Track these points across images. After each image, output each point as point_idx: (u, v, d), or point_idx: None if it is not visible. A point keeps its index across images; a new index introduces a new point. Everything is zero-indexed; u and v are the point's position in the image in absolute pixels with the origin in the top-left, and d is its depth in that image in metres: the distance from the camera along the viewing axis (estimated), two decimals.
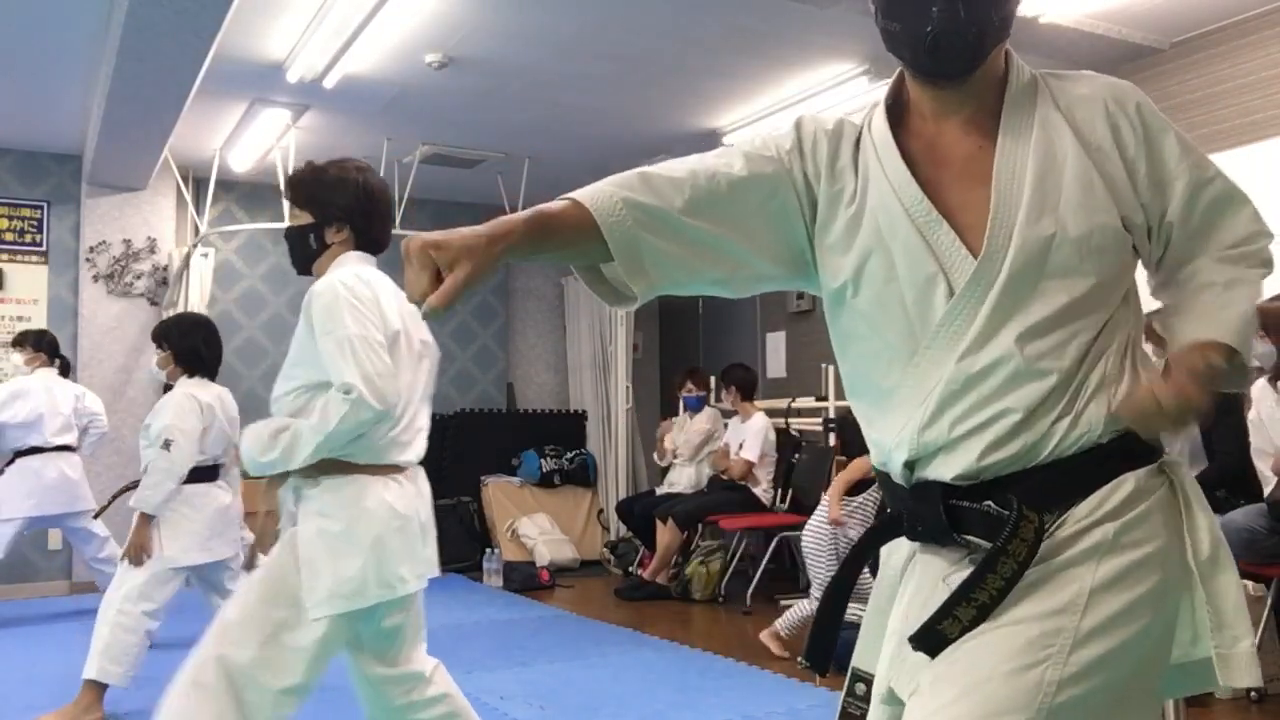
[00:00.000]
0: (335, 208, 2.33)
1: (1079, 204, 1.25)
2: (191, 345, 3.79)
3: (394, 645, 2.32)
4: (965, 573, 1.23)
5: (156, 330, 3.95)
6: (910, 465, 1.31)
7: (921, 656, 1.21)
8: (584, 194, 1.29)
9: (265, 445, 2.16)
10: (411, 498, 2.28)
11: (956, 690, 1.15)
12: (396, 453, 2.26)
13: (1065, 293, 1.24)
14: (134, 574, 3.55)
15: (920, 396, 1.28)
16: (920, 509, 1.30)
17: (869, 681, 1.37)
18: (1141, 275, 1.36)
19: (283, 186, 2.44)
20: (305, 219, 2.36)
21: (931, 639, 1.19)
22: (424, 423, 2.36)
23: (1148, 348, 1.43)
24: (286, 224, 2.43)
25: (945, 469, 1.27)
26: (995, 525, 1.21)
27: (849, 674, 1.39)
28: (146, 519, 3.56)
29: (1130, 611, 1.17)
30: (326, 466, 2.18)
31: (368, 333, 2.15)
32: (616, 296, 1.33)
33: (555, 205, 1.30)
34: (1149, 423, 1.22)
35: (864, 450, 1.56)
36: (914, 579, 1.34)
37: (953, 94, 1.33)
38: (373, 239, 2.41)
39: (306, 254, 2.37)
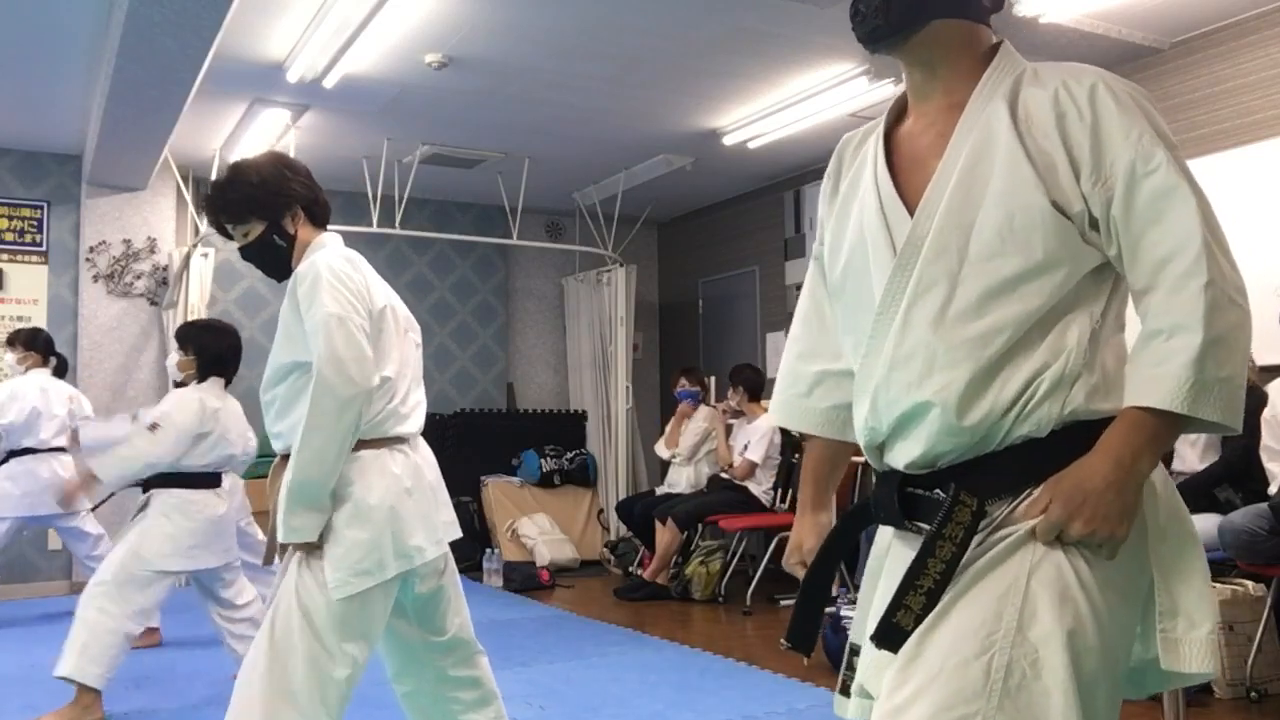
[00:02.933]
0: (280, 197, 2.29)
1: (1002, 188, 1.23)
2: (217, 353, 3.76)
3: (436, 611, 2.35)
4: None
5: (181, 332, 3.88)
6: (877, 451, 1.35)
7: (886, 654, 1.23)
8: (811, 428, 1.53)
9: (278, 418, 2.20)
10: (417, 466, 2.28)
11: (913, 688, 1.17)
12: (395, 424, 2.25)
13: (985, 278, 1.23)
14: (109, 570, 3.50)
15: (868, 384, 1.32)
16: (881, 494, 1.34)
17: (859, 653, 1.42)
18: None
19: (212, 219, 2.35)
20: (257, 228, 2.30)
21: (890, 634, 1.21)
22: (420, 397, 2.37)
23: None
24: (241, 245, 2.34)
25: (900, 457, 1.30)
26: (937, 512, 1.24)
27: (847, 648, 1.43)
28: (94, 476, 3.46)
29: (1076, 595, 1.17)
30: None
31: (346, 313, 2.12)
32: None
33: (811, 462, 1.56)
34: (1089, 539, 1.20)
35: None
36: (887, 568, 1.37)
37: (914, 75, 1.37)
38: (323, 206, 2.37)
39: (280, 257, 2.32)
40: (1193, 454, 3.96)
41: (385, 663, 2.43)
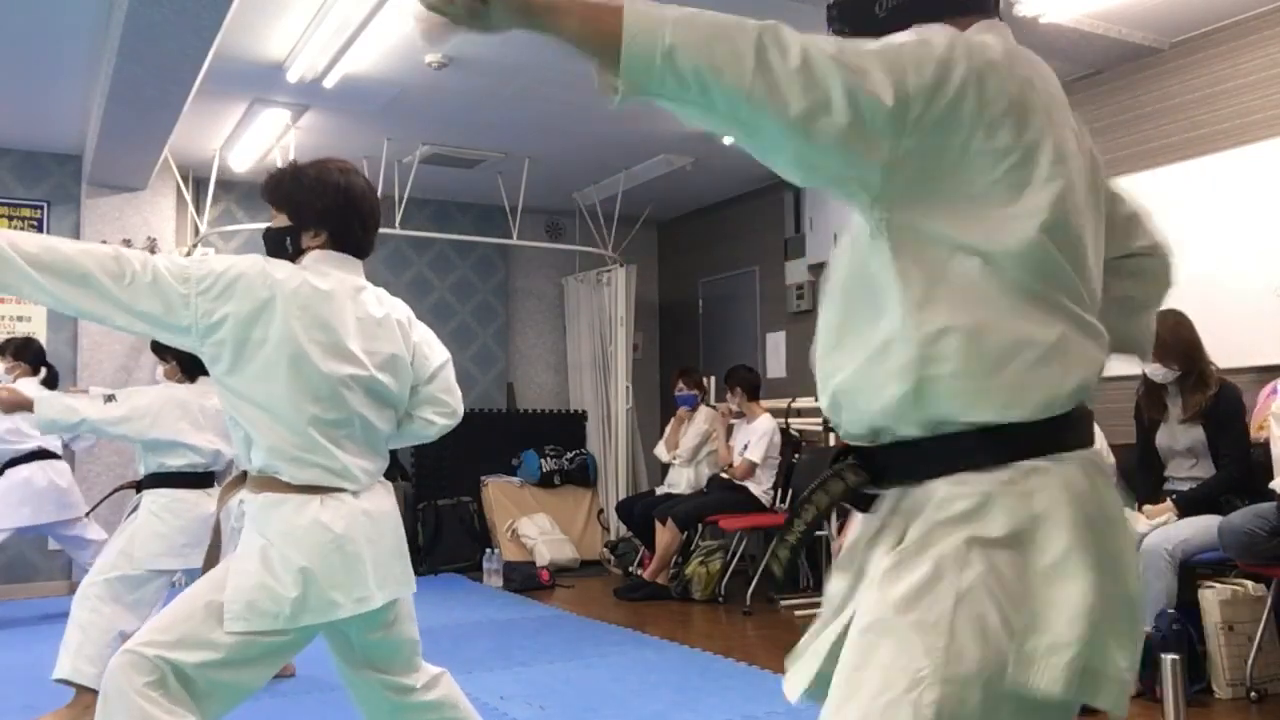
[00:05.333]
0: (312, 211, 2.23)
1: None
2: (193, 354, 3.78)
3: (383, 656, 2.27)
4: (880, 545, 1.24)
5: (155, 344, 3.91)
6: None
7: (847, 650, 1.22)
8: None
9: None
10: (353, 516, 2.13)
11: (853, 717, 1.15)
12: (324, 478, 2.12)
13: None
14: (101, 570, 3.51)
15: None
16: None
17: None
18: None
19: (262, 185, 2.34)
20: (282, 220, 2.27)
21: (767, 582, 1.26)
22: (371, 459, 2.24)
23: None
24: (267, 223, 2.33)
25: (843, 432, 1.34)
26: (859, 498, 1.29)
27: None
28: (29, 400, 3.40)
29: (997, 632, 1.13)
30: (264, 484, 2.11)
31: (175, 263, 2.06)
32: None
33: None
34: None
35: None
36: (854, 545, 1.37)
37: None
38: (353, 244, 2.29)
39: (282, 258, 2.25)
40: (1184, 466, 3.97)
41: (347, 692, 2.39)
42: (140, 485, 3.73)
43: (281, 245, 2.27)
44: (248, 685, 2.09)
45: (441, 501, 7.11)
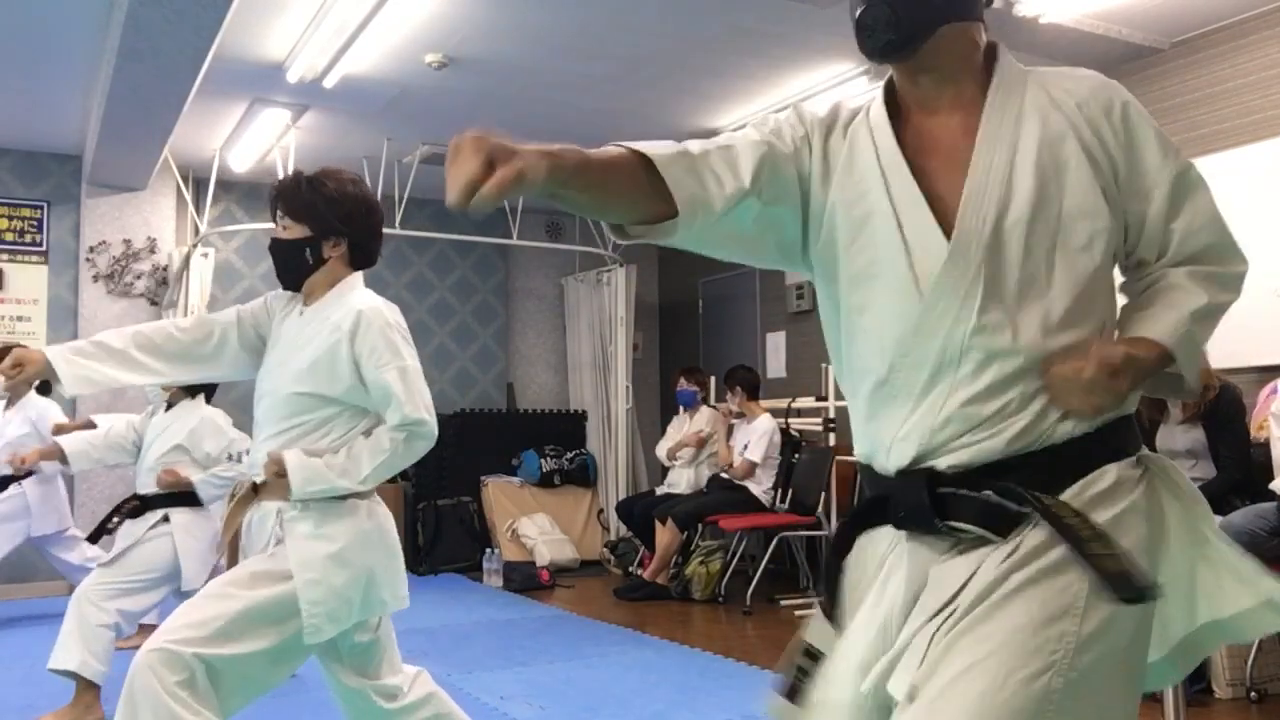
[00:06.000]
0: (334, 218, 2.26)
1: (1073, 201, 1.25)
2: None
3: (370, 659, 2.30)
4: (954, 561, 1.22)
5: None
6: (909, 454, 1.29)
7: (916, 656, 1.19)
8: (651, 153, 1.36)
9: (319, 472, 2.15)
10: (388, 511, 2.32)
11: (970, 699, 1.13)
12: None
13: (1055, 285, 1.25)
14: (124, 572, 3.54)
15: (916, 385, 1.26)
16: (904, 495, 1.28)
17: (816, 656, 1.40)
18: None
19: (273, 197, 2.32)
20: (301, 232, 2.27)
21: (1128, 583, 1.16)
22: None
23: None
24: (276, 236, 2.31)
25: (939, 459, 1.25)
26: (995, 513, 1.21)
27: (801, 648, 1.41)
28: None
29: (1121, 611, 1.17)
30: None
31: (418, 365, 2.23)
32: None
33: (610, 153, 1.33)
34: (1063, 390, 1.21)
35: None
36: (899, 569, 1.29)
37: (923, 81, 1.34)
38: (368, 253, 2.36)
39: (300, 268, 2.29)
40: (1184, 467, 3.98)
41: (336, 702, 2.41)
42: (149, 502, 3.72)
43: (301, 256, 2.28)
44: (274, 680, 2.17)
45: (441, 501, 7.12)
